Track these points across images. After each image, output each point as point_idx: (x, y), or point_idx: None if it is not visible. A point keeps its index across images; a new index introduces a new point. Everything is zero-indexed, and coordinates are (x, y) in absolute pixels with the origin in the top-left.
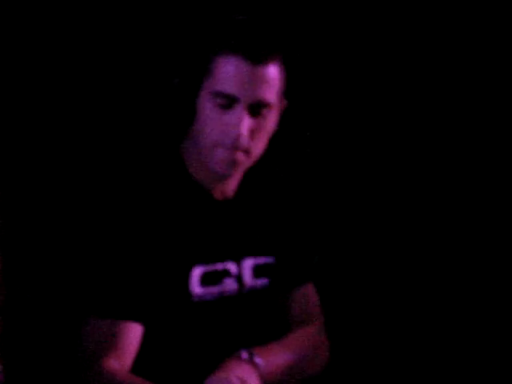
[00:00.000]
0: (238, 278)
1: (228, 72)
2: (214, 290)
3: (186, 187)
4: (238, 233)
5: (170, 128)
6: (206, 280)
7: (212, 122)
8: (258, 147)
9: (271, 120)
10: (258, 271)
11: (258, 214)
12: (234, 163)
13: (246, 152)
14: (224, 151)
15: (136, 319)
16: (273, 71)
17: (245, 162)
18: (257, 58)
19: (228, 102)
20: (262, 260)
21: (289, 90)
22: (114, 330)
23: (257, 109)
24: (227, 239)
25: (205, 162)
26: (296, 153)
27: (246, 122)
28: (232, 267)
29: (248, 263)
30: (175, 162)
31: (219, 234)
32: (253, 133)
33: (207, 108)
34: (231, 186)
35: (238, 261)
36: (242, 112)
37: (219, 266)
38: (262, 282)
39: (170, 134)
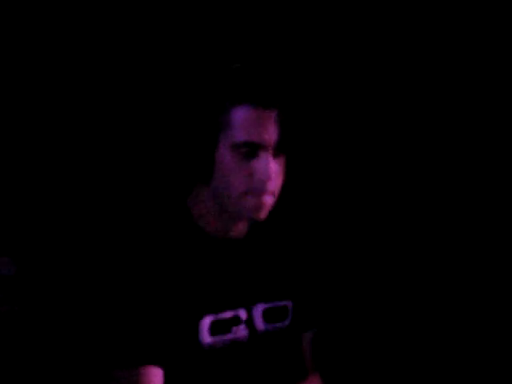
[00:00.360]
0: (249, 323)
1: (248, 121)
2: (224, 337)
3: (193, 237)
4: (248, 278)
5: (180, 181)
6: (215, 329)
7: (237, 173)
8: (279, 187)
9: (283, 162)
10: (269, 315)
11: (269, 258)
12: (264, 207)
13: (273, 194)
14: (254, 198)
15: (155, 363)
16: (280, 112)
17: (271, 204)
18: (268, 102)
19: (252, 149)
20: (274, 304)
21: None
22: (137, 378)
23: (277, 150)
24: (238, 286)
25: (232, 212)
26: (302, 194)
27: (273, 166)
28: (242, 314)
29: (259, 308)
30: (182, 214)
31: (229, 281)
32: (276, 175)
33: (229, 159)
34: (242, 230)
35: (249, 307)
36: (268, 157)
37: (229, 314)
38: (274, 326)
39: (180, 187)
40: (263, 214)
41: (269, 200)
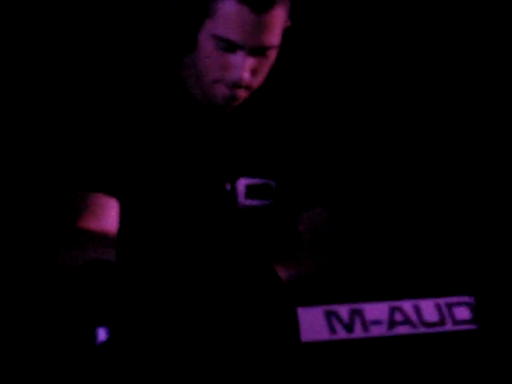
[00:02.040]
0: (231, 196)
1: (232, 19)
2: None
3: (183, 101)
4: (233, 151)
5: (171, 44)
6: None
7: (213, 61)
8: (259, 81)
9: (273, 56)
10: (252, 192)
11: (255, 134)
12: (234, 99)
13: (247, 88)
14: (225, 88)
15: (110, 194)
16: (276, 15)
17: (245, 96)
18: (261, 7)
19: (230, 46)
20: (258, 181)
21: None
22: (95, 201)
23: (260, 51)
24: (222, 157)
25: (205, 93)
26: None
27: (248, 64)
28: (227, 186)
29: (242, 183)
30: (174, 76)
31: (214, 152)
32: (254, 71)
33: (208, 48)
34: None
35: (233, 180)
36: (245, 56)
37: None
38: (256, 202)
39: (172, 50)
40: (231, 106)
41: (241, 93)
